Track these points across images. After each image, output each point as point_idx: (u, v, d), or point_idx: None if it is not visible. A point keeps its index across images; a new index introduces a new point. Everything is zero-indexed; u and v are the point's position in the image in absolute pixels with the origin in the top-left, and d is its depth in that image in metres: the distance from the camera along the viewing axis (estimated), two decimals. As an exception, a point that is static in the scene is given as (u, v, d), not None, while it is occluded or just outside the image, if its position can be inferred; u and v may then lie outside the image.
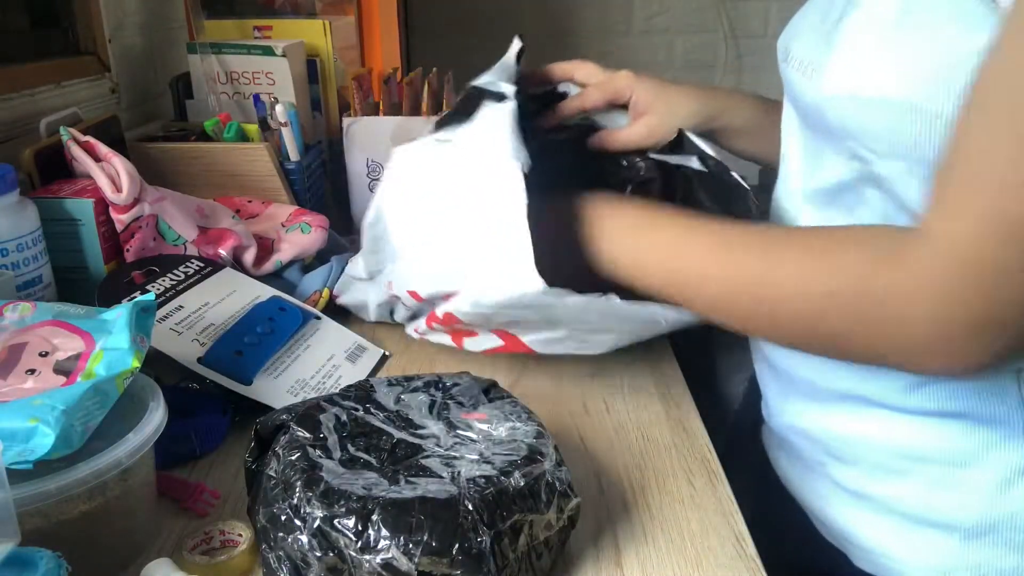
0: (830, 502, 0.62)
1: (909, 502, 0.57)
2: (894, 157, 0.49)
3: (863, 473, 0.59)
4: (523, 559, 0.46)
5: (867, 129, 0.50)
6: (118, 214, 0.76)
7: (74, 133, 0.81)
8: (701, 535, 0.54)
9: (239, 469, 0.55)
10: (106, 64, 1.07)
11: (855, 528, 0.61)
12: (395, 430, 0.52)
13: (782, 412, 0.66)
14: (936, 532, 0.56)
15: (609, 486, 0.59)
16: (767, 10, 1.90)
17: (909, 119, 0.47)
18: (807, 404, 0.62)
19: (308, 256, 0.91)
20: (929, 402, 0.54)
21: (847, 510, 0.61)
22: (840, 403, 0.59)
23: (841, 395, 0.59)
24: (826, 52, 0.53)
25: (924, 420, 0.55)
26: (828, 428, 0.61)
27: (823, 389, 0.60)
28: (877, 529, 0.59)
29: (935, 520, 0.56)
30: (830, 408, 0.60)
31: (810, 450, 0.63)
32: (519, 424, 0.53)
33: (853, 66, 0.50)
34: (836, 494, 0.62)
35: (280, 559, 0.45)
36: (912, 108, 0.46)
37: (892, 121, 0.47)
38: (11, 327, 0.55)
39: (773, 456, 0.71)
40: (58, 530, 0.45)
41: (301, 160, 0.99)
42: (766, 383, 0.68)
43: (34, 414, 0.45)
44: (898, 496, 0.57)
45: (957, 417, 0.54)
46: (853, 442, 0.59)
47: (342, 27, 1.31)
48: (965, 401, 0.53)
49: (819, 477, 0.63)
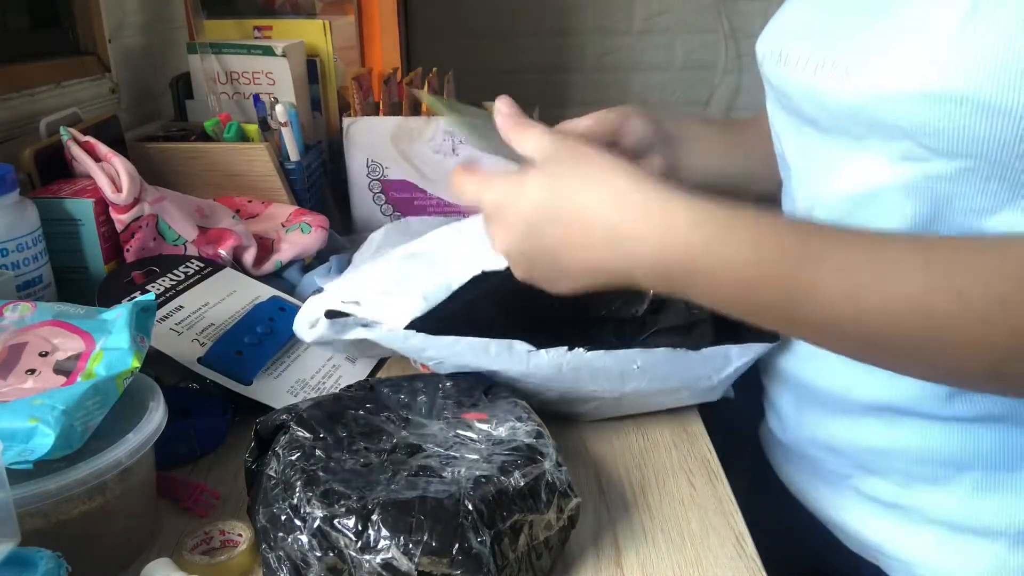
0: (857, 514, 0.61)
1: (949, 510, 0.56)
2: (957, 155, 0.47)
3: (896, 483, 0.58)
4: (523, 559, 0.46)
5: (926, 126, 0.46)
6: (118, 214, 0.76)
7: (74, 133, 0.81)
8: (701, 535, 0.54)
9: (239, 469, 0.55)
10: (106, 64, 1.07)
11: (888, 539, 0.59)
12: (395, 430, 0.52)
13: (800, 426, 0.64)
14: (980, 539, 0.55)
15: (609, 486, 0.59)
16: (767, 10, 1.90)
17: (979, 115, 0.44)
18: (831, 416, 0.60)
19: (308, 256, 0.91)
20: (968, 408, 0.53)
21: (878, 522, 0.60)
22: (869, 414, 0.57)
23: (870, 406, 0.57)
24: (872, 50, 0.49)
25: (963, 426, 0.54)
26: (856, 440, 0.59)
27: (851, 401, 0.58)
28: (914, 539, 0.58)
29: (978, 527, 0.55)
30: (858, 420, 0.58)
31: (834, 463, 0.62)
32: (519, 424, 0.53)
33: (915, 62, 0.47)
34: (864, 506, 0.60)
35: (280, 559, 0.45)
36: (982, 104, 0.44)
37: (958, 117, 0.45)
38: (11, 327, 0.55)
39: (785, 470, 0.70)
40: (58, 530, 0.45)
41: (301, 160, 0.99)
42: (779, 396, 0.67)
43: (34, 414, 0.45)
44: (937, 505, 0.56)
45: (997, 421, 0.53)
46: (885, 453, 0.58)
47: (342, 27, 1.31)
48: (1004, 405, 0.52)
49: (844, 490, 0.62)
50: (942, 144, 0.47)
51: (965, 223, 0.49)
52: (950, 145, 0.46)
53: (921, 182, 0.50)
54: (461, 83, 1.27)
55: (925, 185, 0.49)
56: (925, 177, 0.49)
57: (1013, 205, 0.47)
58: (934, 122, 0.46)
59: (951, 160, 0.47)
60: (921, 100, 0.46)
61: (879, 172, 0.51)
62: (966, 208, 0.49)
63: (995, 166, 0.46)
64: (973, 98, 0.44)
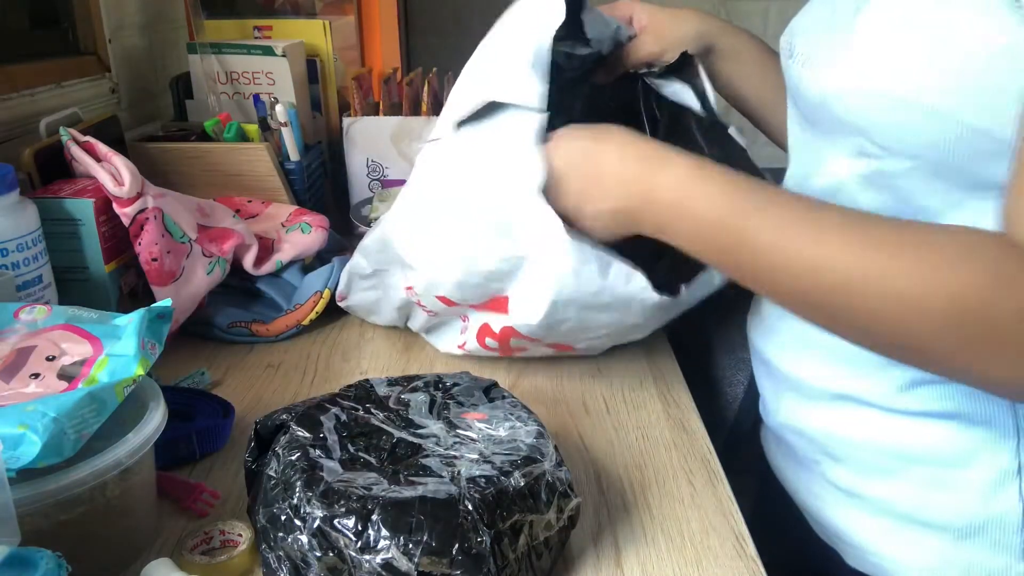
0: (824, 500, 0.63)
1: (901, 502, 0.57)
2: (903, 155, 0.49)
3: (855, 472, 0.59)
4: (523, 559, 0.46)
5: (876, 124, 0.50)
6: (122, 208, 0.75)
7: (74, 133, 0.80)
8: (701, 535, 0.54)
9: (239, 469, 0.55)
10: (106, 64, 1.07)
11: (848, 527, 0.61)
12: (395, 430, 0.52)
13: (777, 410, 0.66)
14: (927, 532, 0.56)
15: (609, 486, 0.59)
16: (767, 10, 1.90)
17: (919, 116, 0.47)
18: (802, 402, 0.62)
19: (308, 256, 0.91)
20: (921, 403, 0.54)
21: (840, 509, 0.61)
22: (833, 403, 0.59)
23: (834, 395, 0.59)
24: (837, 46, 0.53)
25: (915, 420, 0.55)
26: (822, 427, 0.61)
27: (816, 388, 0.60)
28: (869, 528, 0.59)
29: (926, 520, 0.56)
30: (824, 407, 0.60)
31: (805, 448, 0.63)
32: (519, 424, 0.53)
33: (865, 60, 0.50)
34: (830, 492, 0.62)
35: (280, 559, 0.45)
36: (922, 106, 0.46)
37: (901, 117, 0.47)
38: (23, 329, 0.55)
39: (770, 454, 0.71)
40: (58, 530, 0.45)
41: (301, 160, 0.99)
42: (762, 381, 0.69)
43: (23, 420, 0.44)
44: (890, 496, 0.57)
45: (948, 418, 0.54)
46: (846, 441, 0.59)
47: (342, 27, 1.31)
48: (957, 402, 0.53)
49: (814, 475, 0.63)
50: (888, 142, 0.49)
51: (921, 216, 0.51)
52: (893, 144, 0.49)
53: (877, 178, 0.52)
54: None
55: (881, 181, 0.52)
56: (879, 173, 0.52)
57: (964, 206, 0.49)
58: (877, 119, 0.49)
59: (900, 159, 0.50)
60: (867, 98, 0.49)
61: (843, 166, 0.55)
62: (921, 206, 0.51)
63: (937, 166, 0.48)
64: (912, 99, 0.46)
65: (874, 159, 0.52)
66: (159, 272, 0.76)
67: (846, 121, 0.52)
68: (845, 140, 0.53)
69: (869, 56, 0.49)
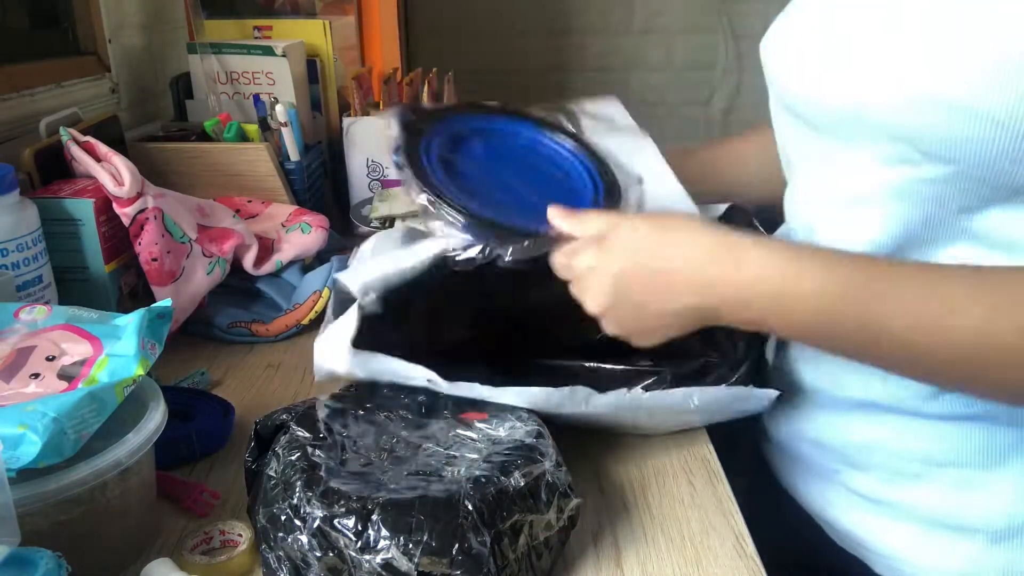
0: (844, 510, 0.62)
1: (930, 507, 0.56)
2: (944, 160, 0.48)
3: (880, 479, 0.58)
4: (523, 559, 0.46)
5: (918, 129, 0.48)
6: (122, 207, 0.75)
7: (74, 133, 0.81)
8: (701, 535, 0.54)
9: (239, 469, 0.55)
10: (106, 64, 1.07)
11: (872, 534, 0.60)
12: (395, 430, 0.52)
13: (791, 422, 0.65)
14: (960, 536, 0.55)
15: (609, 486, 0.59)
16: (767, 10, 1.90)
17: (960, 120, 0.45)
18: (819, 413, 0.61)
19: (308, 256, 0.91)
20: (950, 407, 0.53)
21: (863, 517, 0.60)
22: (855, 411, 0.58)
23: (856, 403, 0.58)
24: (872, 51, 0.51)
25: (943, 424, 0.54)
26: (842, 436, 0.60)
27: (838, 398, 0.59)
28: (897, 535, 0.58)
29: (958, 524, 0.55)
30: (844, 416, 0.59)
31: (822, 459, 0.62)
32: (519, 424, 0.53)
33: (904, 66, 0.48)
34: (851, 501, 0.61)
35: (280, 559, 0.45)
36: (963, 109, 0.45)
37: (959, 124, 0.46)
38: (23, 329, 0.55)
39: (778, 467, 0.70)
40: (58, 530, 0.45)
41: (301, 160, 0.99)
42: None
43: (23, 420, 0.44)
44: (918, 501, 0.57)
45: (977, 420, 0.53)
46: (869, 449, 0.58)
47: (342, 27, 1.31)
48: (983, 405, 0.52)
49: (832, 485, 0.62)
50: (933, 148, 0.48)
51: (952, 221, 0.50)
52: (940, 150, 0.47)
53: (909, 184, 0.51)
54: (461, 83, 1.27)
55: (913, 188, 0.51)
56: (914, 180, 0.50)
57: (996, 204, 0.49)
58: (924, 127, 0.47)
59: (941, 164, 0.48)
60: (911, 105, 0.47)
61: (868, 173, 0.53)
62: (955, 208, 0.50)
63: (983, 169, 0.47)
64: (964, 104, 0.45)
65: (911, 166, 0.50)
66: (159, 272, 0.76)
67: (878, 128, 0.50)
68: (875, 148, 0.51)
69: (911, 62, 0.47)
